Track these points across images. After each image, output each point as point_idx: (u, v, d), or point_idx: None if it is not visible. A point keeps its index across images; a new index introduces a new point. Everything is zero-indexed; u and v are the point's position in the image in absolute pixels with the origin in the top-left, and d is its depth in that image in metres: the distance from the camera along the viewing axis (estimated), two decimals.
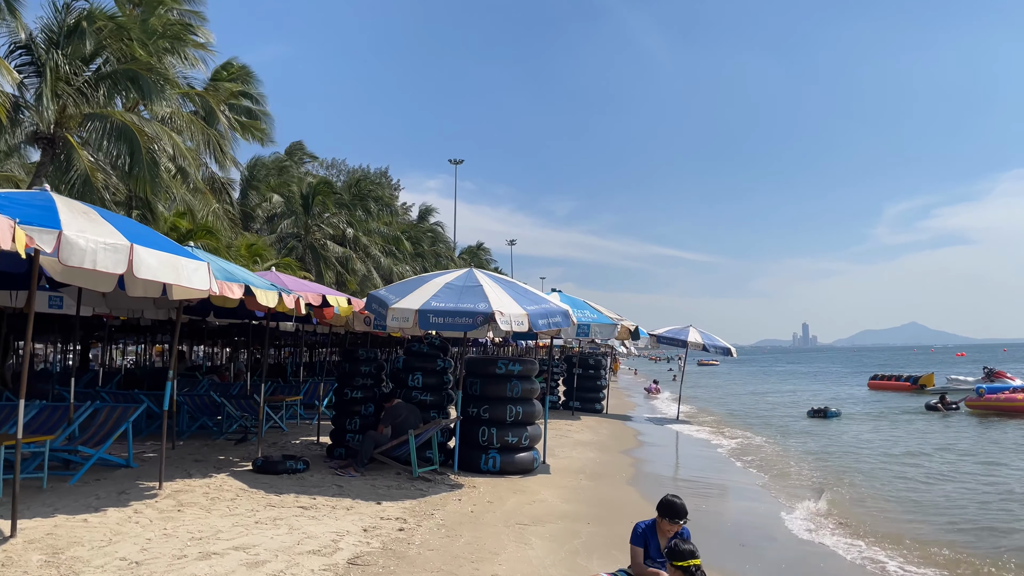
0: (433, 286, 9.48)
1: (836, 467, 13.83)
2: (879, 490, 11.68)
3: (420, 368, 10.68)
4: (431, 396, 10.61)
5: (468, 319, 8.79)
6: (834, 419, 22.48)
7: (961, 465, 14.42)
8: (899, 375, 38.59)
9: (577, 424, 17.99)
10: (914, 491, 11.71)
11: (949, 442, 17.98)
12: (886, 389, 37.16)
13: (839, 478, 12.47)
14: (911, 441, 18.04)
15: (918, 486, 12.17)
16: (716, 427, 20.59)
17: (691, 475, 12.53)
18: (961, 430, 20.56)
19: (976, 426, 21.58)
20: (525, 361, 10.57)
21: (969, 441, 18.35)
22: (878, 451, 16.22)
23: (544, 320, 9.23)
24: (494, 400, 10.30)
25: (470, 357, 10.81)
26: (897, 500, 10.95)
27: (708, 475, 12.48)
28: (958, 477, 13.05)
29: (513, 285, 9.95)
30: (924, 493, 11.56)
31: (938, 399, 25.22)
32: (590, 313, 12.35)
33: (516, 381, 10.37)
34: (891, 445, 17.27)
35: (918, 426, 21.57)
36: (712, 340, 21.05)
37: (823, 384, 47.21)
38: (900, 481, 12.57)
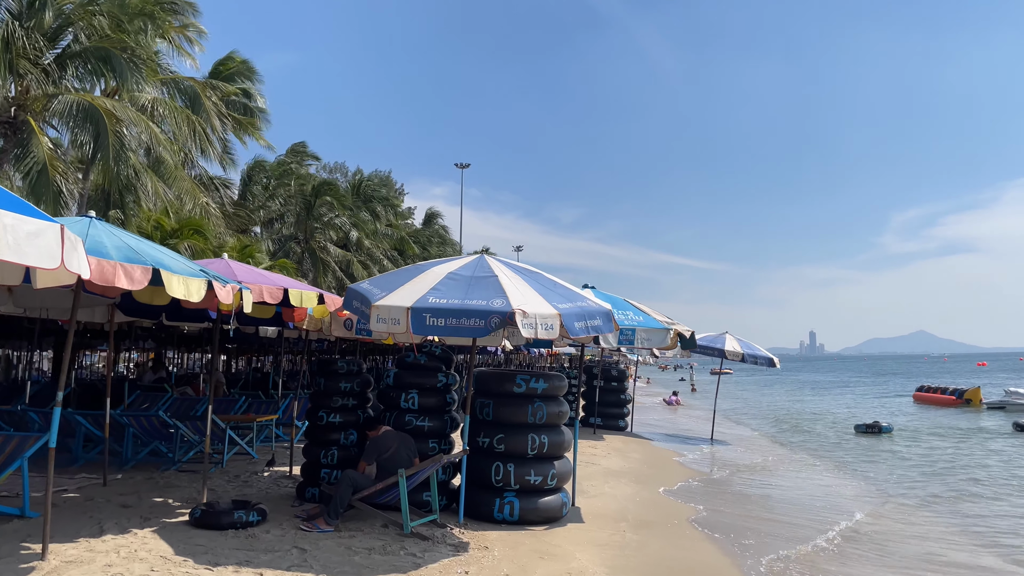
0: (431, 277, 7.11)
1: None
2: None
3: (415, 385, 8.30)
4: (430, 421, 8.23)
5: (479, 321, 6.42)
6: (886, 435, 19.99)
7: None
8: (944, 388, 35.92)
9: (602, 446, 15.58)
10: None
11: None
12: (932, 403, 34.54)
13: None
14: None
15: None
16: (759, 446, 18.12)
17: (776, 516, 10.00)
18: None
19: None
20: (551, 376, 8.19)
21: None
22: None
23: (581, 323, 6.86)
24: (512, 427, 7.94)
25: (481, 371, 8.42)
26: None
27: (799, 516, 9.99)
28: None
29: (538, 276, 7.57)
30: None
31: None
32: (633, 314, 9.95)
33: (540, 402, 8.00)
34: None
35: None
36: (752, 349, 18.60)
37: (856, 396, 44.50)
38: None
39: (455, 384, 8.57)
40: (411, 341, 8.86)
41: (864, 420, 21.60)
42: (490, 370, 8.38)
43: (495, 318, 6.39)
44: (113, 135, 20.59)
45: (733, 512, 9.95)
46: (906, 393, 46.44)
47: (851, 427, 24.05)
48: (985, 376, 75.26)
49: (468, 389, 7.76)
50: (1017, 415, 27.16)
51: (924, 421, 25.78)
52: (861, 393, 47.84)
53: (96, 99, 20.30)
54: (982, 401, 31.42)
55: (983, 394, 32.41)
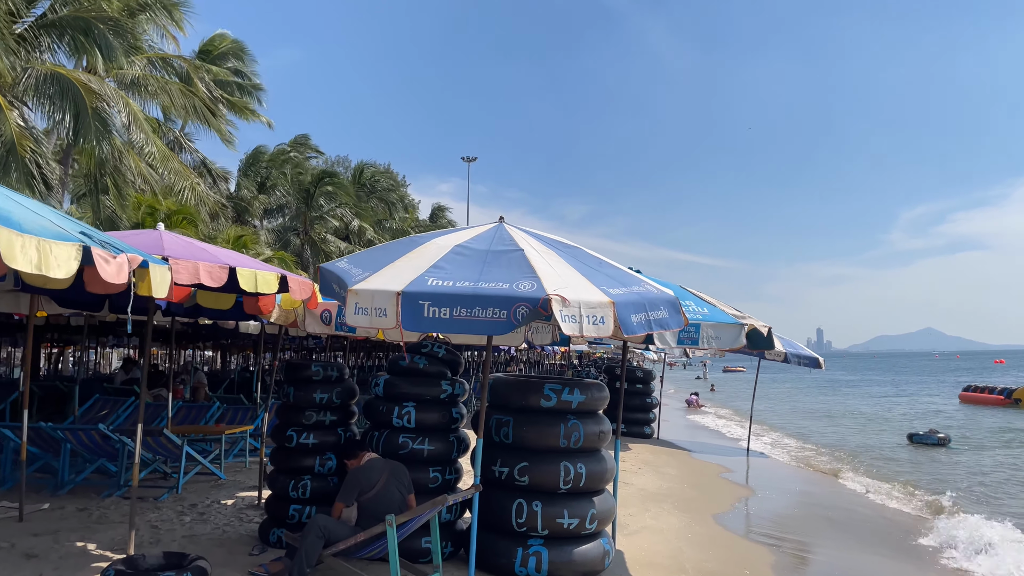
0: (432, 251, 5.16)
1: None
2: None
3: (412, 396, 6.37)
4: (431, 444, 6.29)
5: (499, 312, 4.48)
6: (942, 445, 17.96)
7: None
8: (992, 387, 33.84)
9: (630, 457, 13.63)
10: None
11: None
12: (979, 403, 32.46)
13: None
14: None
15: None
16: (803, 456, 16.15)
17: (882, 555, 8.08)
18: None
19: None
20: (590, 386, 6.25)
21: None
22: None
23: (640, 315, 4.91)
24: (538, 453, 6.02)
25: (498, 378, 6.48)
26: None
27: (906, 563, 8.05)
28: None
29: (577, 252, 5.62)
30: None
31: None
32: (696, 305, 7.92)
33: (575, 420, 6.07)
34: None
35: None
36: (796, 348, 16.56)
37: (889, 396, 42.35)
38: None
39: (463, 395, 6.64)
40: (408, 339, 6.93)
41: (917, 429, 19.53)
42: (509, 377, 6.44)
43: (523, 307, 4.46)
44: (93, 112, 18.75)
45: (826, 552, 7.99)
46: (936, 392, 44.38)
47: (893, 430, 22.06)
48: (1006, 373, 72.94)
49: (483, 401, 5.81)
50: None
51: (976, 424, 23.64)
52: (885, 392, 45.70)
53: (72, 73, 18.46)
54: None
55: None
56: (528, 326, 7.53)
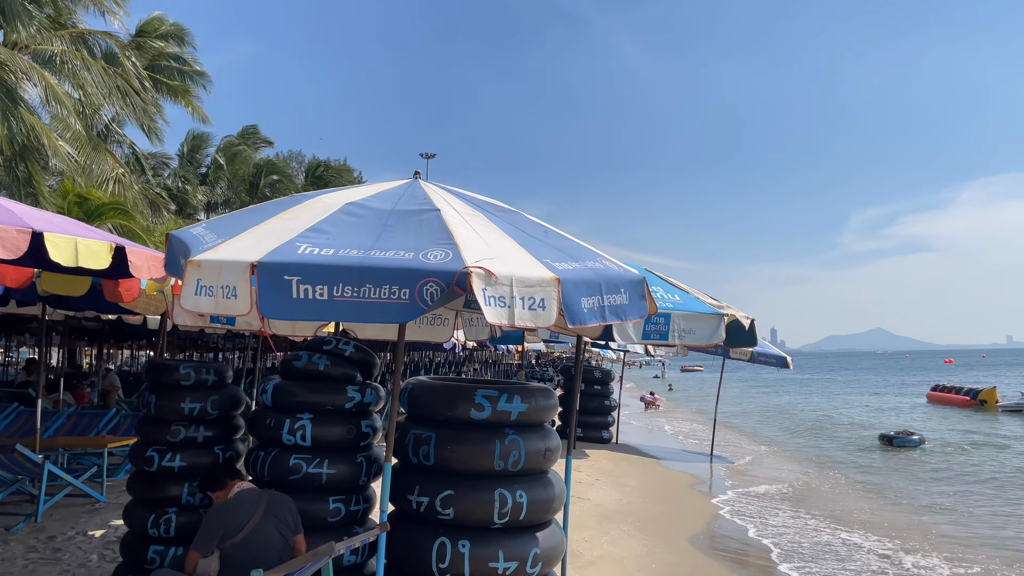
0: (313, 210, 3.82)
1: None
2: None
3: (309, 406, 5.01)
4: (331, 467, 4.94)
5: (397, 290, 3.17)
6: (915, 447, 17.12)
7: None
8: (959, 387, 33.43)
9: (586, 466, 12.43)
10: None
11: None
12: (946, 403, 32.00)
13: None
14: None
15: None
16: (772, 463, 15.15)
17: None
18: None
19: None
20: (535, 392, 4.97)
21: None
22: None
23: (594, 300, 3.64)
24: (468, 478, 4.72)
25: (418, 383, 5.15)
26: None
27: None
28: None
29: (514, 217, 4.32)
30: None
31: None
32: (665, 292, 6.64)
33: (515, 435, 4.79)
34: None
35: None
36: (763, 347, 15.55)
37: (846, 395, 42.00)
38: None
39: (376, 403, 5.30)
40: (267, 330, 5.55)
41: (887, 429, 18.67)
42: (432, 381, 5.12)
43: (432, 284, 3.15)
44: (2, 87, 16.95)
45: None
46: (896, 391, 44.35)
47: (854, 429, 21.32)
48: (954, 372, 74.01)
49: (392, 411, 4.48)
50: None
51: (947, 426, 22.95)
52: (843, 391, 45.48)
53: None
54: (997, 403, 28.92)
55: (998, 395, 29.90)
56: (461, 317, 6.22)
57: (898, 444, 17.05)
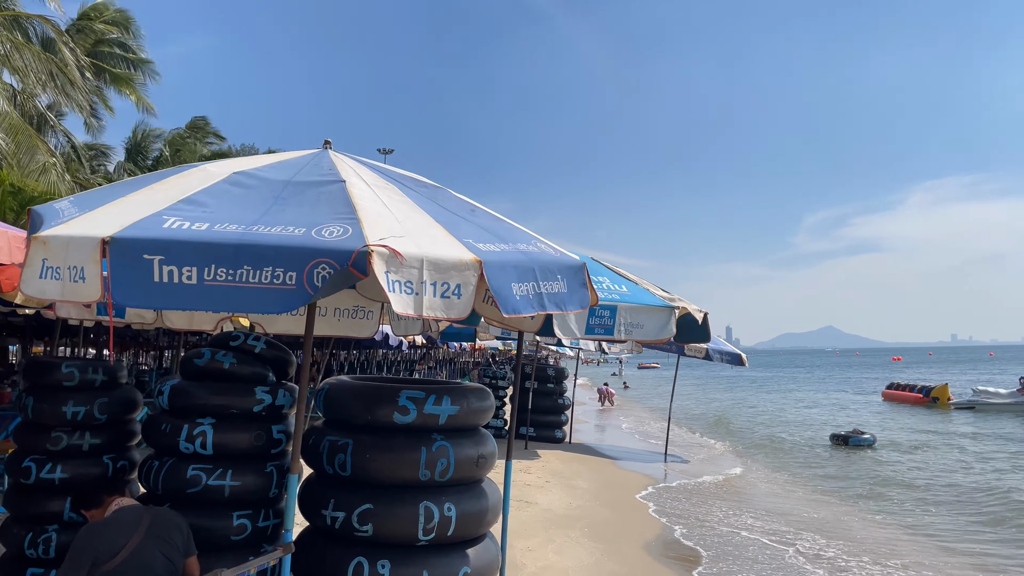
0: (193, 179, 3.25)
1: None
2: None
3: (211, 410, 4.43)
4: (236, 478, 4.37)
5: (284, 272, 2.63)
6: (868, 447, 17.03)
7: None
8: (913, 385, 33.78)
9: (537, 467, 11.99)
10: None
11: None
12: (901, 401, 32.28)
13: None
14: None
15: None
16: (726, 462, 14.89)
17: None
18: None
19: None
20: (468, 392, 4.47)
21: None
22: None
23: (526, 287, 3.15)
24: (389, 490, 4.21)
25: (336, 383, 4.61)
26: None
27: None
28: None
29: (437, 193, 3.80)
30: None
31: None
32: (611, 283, 6.14)
33: (444, 442, 4.29)
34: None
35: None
36: (718, 344, 15.35)
37: (802, 393, 42.33)
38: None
39: (292, 406, 4.74)
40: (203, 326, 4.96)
41: (839, 429, 18.57)
42: (351, 381, 4.59)
43: (324, 265, 2.63)
44: None
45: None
46: (852, 389, 44.93)
47: (813, 428, 21.30)
48: (904, 369, 75.65)
49: (299, 414, 3.93)
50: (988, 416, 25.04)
51: (901, 425, 23.02)
52: (799, 389, 45.94)
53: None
54: (950, 400, 29.26)
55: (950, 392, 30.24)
56: (388, 311, 5.67)
57: (853, 443, 16.93)
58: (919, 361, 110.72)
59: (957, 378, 46.70)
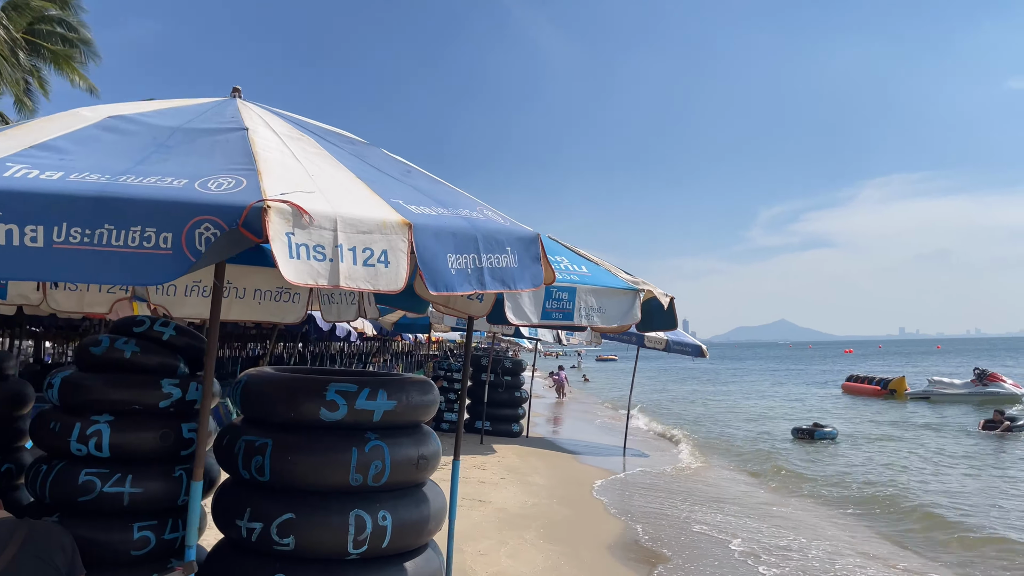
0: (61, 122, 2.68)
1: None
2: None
3: (108, 405, 3.85)
4: (137, 484, 3.80)
5: (156, 232, 2.07)
6: (828, 440, 16.90)
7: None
8: (871, 377, 34.12)
9: (492, 463, 11.52)
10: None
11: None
12: (860, 393, 32.57)
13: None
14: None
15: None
16: (686, 457, 14.62)
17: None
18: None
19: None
20: (406, 384, 3.96)
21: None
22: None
23: (467, 258, 2.64)
24: (314, 497, 3.68)
25: (253, 375, 4.04)
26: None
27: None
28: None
29: (366, 151, 3.26)
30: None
31: (996, 416, 18.77)
32: (570, 263, 5.63)
33: (379, 441, 3.77)
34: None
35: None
36: (678, 336, 15.04)
37: (761, 385, 42.55)
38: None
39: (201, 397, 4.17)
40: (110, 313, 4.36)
41: (801, 423, 18.39)
42: (272, 372, 4.04)
43: (207, 224, 2.07)
44: None
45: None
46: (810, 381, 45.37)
47: (774, 422, 21.23)
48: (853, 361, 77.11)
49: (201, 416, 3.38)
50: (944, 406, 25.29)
51: (860, 417, 23.04)
52: (757, 381, 46.27)
53: None
54: (906, 391, 29.64)
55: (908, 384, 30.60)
56: (317, 294, 5.09)
57: (819, 437, 16.75)
58: (870, 353, 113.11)
59: (907, 369, 47.55)
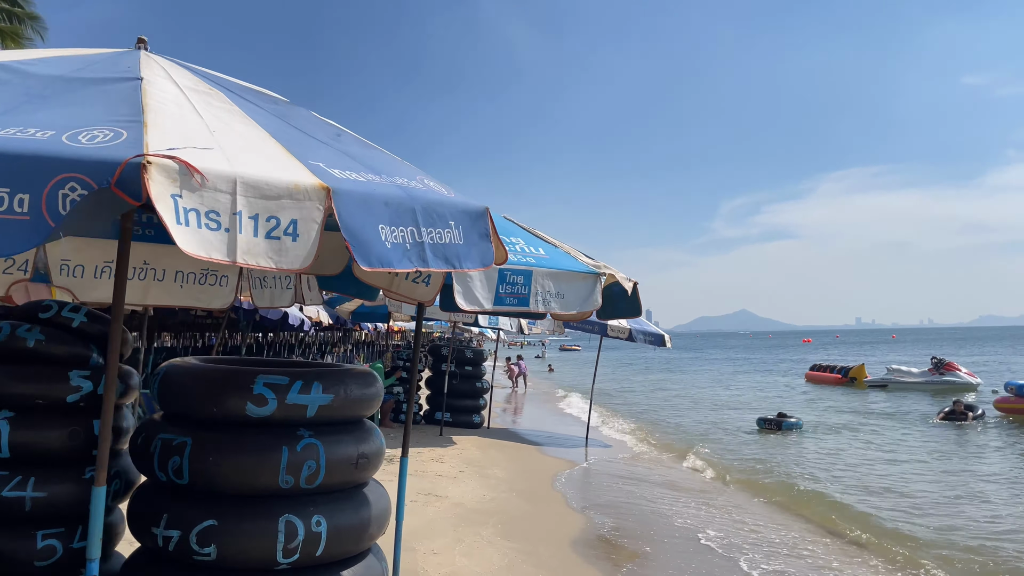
0: None
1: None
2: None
3: (9, 399, 3.44)
4: (40, 488, 3.41)
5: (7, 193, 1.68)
6: (794, 430, 16.82)
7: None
8: (832, 366, 34.49)
9: (451, 455, 11.19)
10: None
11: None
12: (822, 382, 32.85)
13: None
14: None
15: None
16: (649, 448, 14.47)
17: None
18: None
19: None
20: (345, 376, 3.61)
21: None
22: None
23: (401, 231, 2.29)
24: (240, 501, 3.32)
25: (174, 366, 3.65)
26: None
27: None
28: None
29: (288, 111, 2.89)
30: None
31: (954, 406, 18.85)
32: (527, 244, 5.25)
33: (313, 439, 3.42)
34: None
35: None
36: (641, 325, 14.87)
37: (724, 374, 42.81)
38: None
39: (125, 395, 3.77)
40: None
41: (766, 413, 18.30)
42: (195, 363, 3.66)
43: (71, 185, 1.69)
44: None
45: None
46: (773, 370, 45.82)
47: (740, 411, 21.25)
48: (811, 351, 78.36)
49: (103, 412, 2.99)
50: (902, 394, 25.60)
51: (823, 407, 23.11)
52: (721, 370, 46.60)
53: None
54: (866, 379, 30.01)
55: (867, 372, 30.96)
56: (248, 277, 4.66)
57: (786, 427, 16.68)
58: (828, 343, 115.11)
59: (865, 358, 48.30)
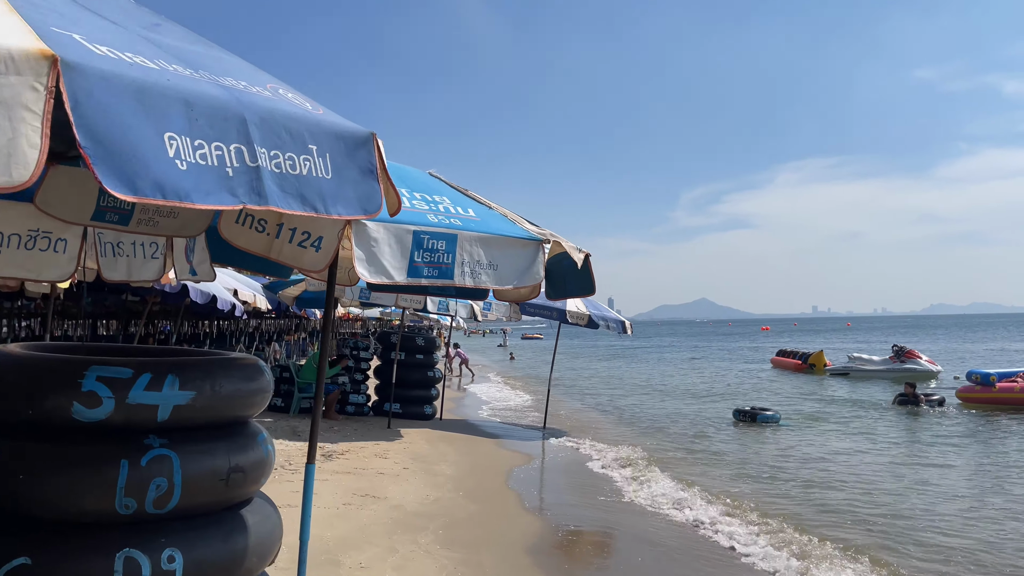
0: None
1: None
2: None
3: None
4: None
5: None
6: (771, 424, 16.20)
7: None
8: (795, 352, 34.44)
9: (397, 450, 10.43)
10: None
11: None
12: (786, 368, 32.70)
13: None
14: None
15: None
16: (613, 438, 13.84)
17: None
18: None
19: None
20: (213, 367, 2.81)
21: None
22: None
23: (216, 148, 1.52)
24: (59, 532, 2.51)
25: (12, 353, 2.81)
26: None
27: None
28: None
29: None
30: None
31: (908, 390, 18.53)
32: (452, 204, 4.36)
33: (166, 449, 2.62)
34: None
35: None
36: (602, 311, 14.23)
37: (681, 362, 42.55)
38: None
39: None
40: None
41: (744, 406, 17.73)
42: (16, 350, 2.83)
43: None
44: None
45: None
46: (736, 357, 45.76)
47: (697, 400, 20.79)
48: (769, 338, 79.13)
49: None
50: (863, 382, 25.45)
51: (792, 395, 22.73)
52: (681, 357, 46.41)
53: None
54: (826, 366, 29.96)
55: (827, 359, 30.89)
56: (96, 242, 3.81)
57: (762, 420, 16.11)
58: (786, 331, 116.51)
59: (822, 345, 48.55)
